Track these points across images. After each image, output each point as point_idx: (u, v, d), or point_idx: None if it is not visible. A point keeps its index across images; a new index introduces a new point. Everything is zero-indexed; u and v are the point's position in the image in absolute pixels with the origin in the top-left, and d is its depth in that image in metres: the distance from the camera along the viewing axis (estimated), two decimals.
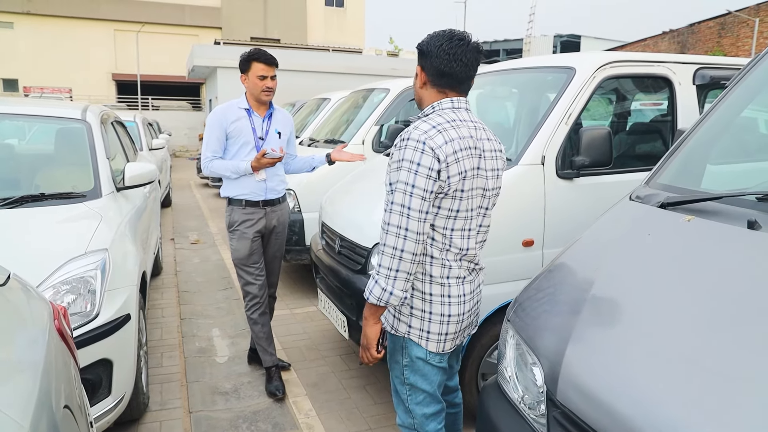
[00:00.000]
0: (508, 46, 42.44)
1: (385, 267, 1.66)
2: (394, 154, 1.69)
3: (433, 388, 1.87)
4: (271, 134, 3.11)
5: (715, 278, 1.35)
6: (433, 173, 1.63)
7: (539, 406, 1.46)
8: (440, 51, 1.73)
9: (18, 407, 0.90)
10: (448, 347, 1.84)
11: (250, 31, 31.33)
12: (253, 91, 3.02)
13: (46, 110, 3.71)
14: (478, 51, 1.77)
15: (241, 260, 3.10)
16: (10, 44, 29.29)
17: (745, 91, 1.99)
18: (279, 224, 3.20)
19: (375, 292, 1.68)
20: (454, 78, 1.76)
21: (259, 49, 3.02)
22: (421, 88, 1.83)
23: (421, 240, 1.66)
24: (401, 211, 1.63)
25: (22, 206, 2.78)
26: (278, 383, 3.13)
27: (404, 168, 1.64)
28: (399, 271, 1.66)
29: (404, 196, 1.63)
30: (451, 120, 1.72)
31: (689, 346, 1.21)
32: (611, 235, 1.78)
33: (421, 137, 1.64)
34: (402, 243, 1.64)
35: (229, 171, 2.99)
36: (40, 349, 1.18)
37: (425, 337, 1.80)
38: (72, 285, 2.33)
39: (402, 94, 5.42)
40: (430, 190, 1.64)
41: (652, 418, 1.11)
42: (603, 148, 2.59)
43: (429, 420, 1.90)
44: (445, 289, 1.78)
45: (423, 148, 1.63)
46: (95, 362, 2.27)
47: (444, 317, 1.79)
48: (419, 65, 1.81)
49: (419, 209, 1.63)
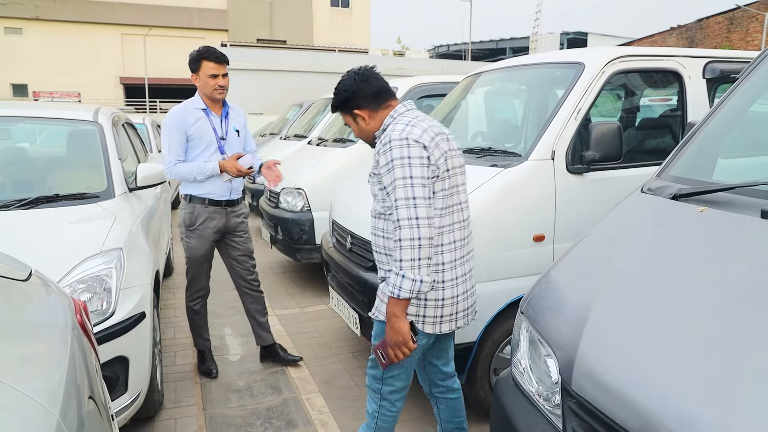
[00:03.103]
0: (515, 45, 42.34)
1: (408, 259, 1.74)
2: (380, 159, 1.82)
3: (411, 365, 2.02)
4: (231, 133, 3.12)
5: (730, 268, 1.36)
6: (424, 161, 1.78)
7: (554, 398, 1.46)
8: (359, 82, 1.95)
9: (47, 396, 0.93)
10: (445, 329, 1.94)
11: (257, 32, 31.47)
12: (205, 90, 3.01)
13: (58, 113, 3.75)
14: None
15: (198, 259, 3.15)
16: (19, 49, 29.62)
17: (755, 84, 1.98)
18: (241, 224, 3.23)
19: (405, 286, 1.75)
20: (384, 89, 1.97)
21: (209, 47, 3.01)
22: (370, 121, 1.99)
23: (432, 224, 1.77)
24: (407, 204, 1.74)
25: (38, 207, 2.82)
26: (212, 363, 3.34)
27: (397, 166, 1.76)
28: (421, 259, 1.74)
29: (406, 189, 1.74)
30: (414, 117, 1.91)
31: (705, 336, 1.21)
32: (624, 226, 1.78)
33: (402, 135, 1.79)
34: (417, 232, 1.73)
35: (196, 174, 2.98)
36: (64, 342, 1.20)
37: (421, 321, 1.90)
38: (88, 284, 2.36)
39: (410, 92, 5.43)
40: (427, 177, 1.78)
41: (670, 408, 1.11)
42: (613, 143, 2.59)
43: (396, 392, 2.06)
44: (438, 275, 1.87)
45: (408, 143, 1.78)
46: (112, 359, 2.30)
47: (438, 301, 1.89)
48: (354, 110, 1.98)
49: (423, 196, 1.75)
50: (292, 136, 7.76)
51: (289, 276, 5.44)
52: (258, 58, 17.89)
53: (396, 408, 2.09)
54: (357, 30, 34.82)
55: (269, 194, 5.38)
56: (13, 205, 2.78)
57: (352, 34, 34.03)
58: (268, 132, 10.67)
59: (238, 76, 17.16)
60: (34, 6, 29.70)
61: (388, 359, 1.88)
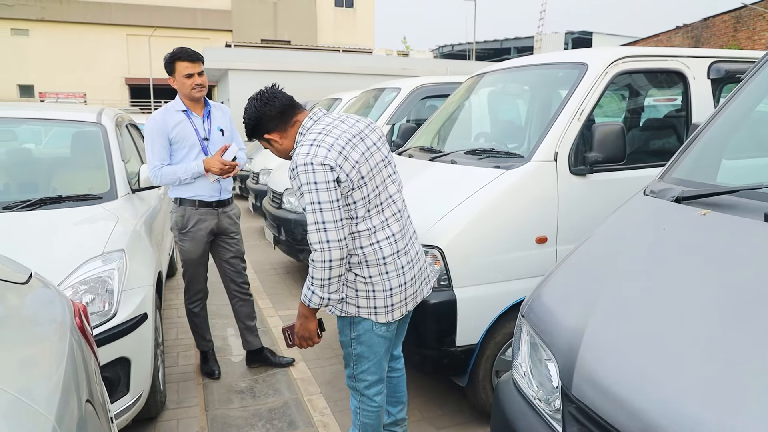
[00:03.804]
0: (519, 44, 42.22)
1: (318, 278, 1.85)
2: (293, 184, 1.85)
3: (378, 357, 2.07)
4: (214, 133, 3.09)
5: (732, 271, 1.34)
6: (331, 184, 1.80)
7: (554, 402, 1.46)
8: (261, 106, 1.96)
9: (43, 400, 0.93)
10: (397, 316, 2.02)
11: (261, 33, 31.54)
12: (183, 91, 2.98)
13: (62, 114, 3.77)
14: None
15: (193, 261, 3.14)
16: (25, 51, 29.79)
17: (760, 85, 1.96)
18: (232, 225, 3.22)
19: (314, 301, 1.89)
20: (287, 107, 1.98)
21: (182, 48, 2.98)
22: (282, 141, 2.00)
23: (343, 245, 1.83)
24: (317, 228, 1.80)
25: (41, 208, 2.82)
26: (214, 364, 3.35)
27: (305, 191, 1.80)
28: (331, 279, 1.85)
29: (315, 214, 1.80)
30: (321, 129, 1.90)
31: (706, 339, 1.20)
32: (626, 229, 1.77)
33: (306, 160, 1.80)
34: (328, 254, 1.81)
35: (180, 174, 2.95)
36: (62, 345, 1.20)
37: (374, 312, 1.98)
38: (90, 285, 2.37)
39: (413, 93, 5.43)
40: (336, 199, 1.81)
41: (670, 412, 1.10)
42: (616, 144, 2.58)
43: (371, 386, 2.12)
44: (382, 268, 1.94)
45: (313, 168, 1.79)
46: (114, 360, 2.30)
47: (386, 291, 1.96)
48: (264, 135, 2.00)
49: (333, 219, 1.80)
50: None
51: (292, 276, 5.44)
52: (262, 58, 17.95)
53: (375, 403, 2.15)
54: (361, 30, 34.83)
55: (272, 195, 5.39)
56: (17, 206, 2.79)
57: (357, 35, 34.05)
58: None
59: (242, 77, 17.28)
60: (41, 7, 29.87)
61: (293, 342, 2.08)
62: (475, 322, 2.53)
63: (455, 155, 3.06)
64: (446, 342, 2.50)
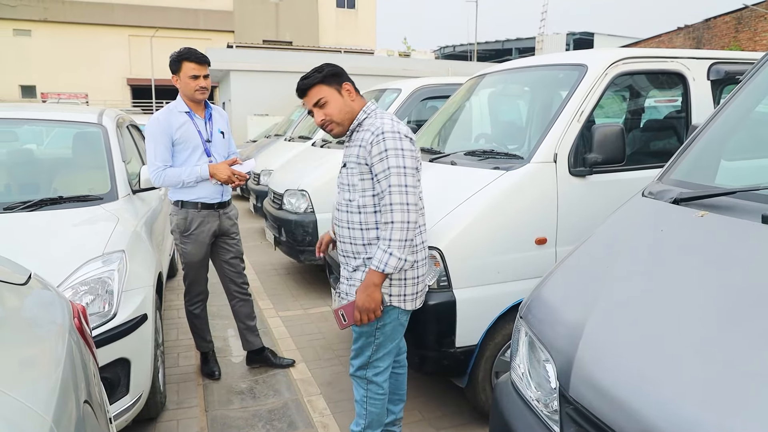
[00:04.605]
0: (521, 45, 42.15)
1: (397, 239, 1.93)
2: (374, 148, 1.95)
3: (394, 345, 2.16)
4: (216, 135, 3.10)
5: (730, 273, 1.34)
6: (415, 154, 1.98)
7: (552, 403, 1.46)
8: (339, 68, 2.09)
9: (41, 401, 0.93)
10: (419, 304, 2.15)
11: (263, 33, 31.56)
12: (186, 92, 2.98)
13: (63, 115, 3.77)
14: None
15: (195, 264, 3.14)
16: (27, 51, 29.85)
17: (759, 86, 1.96)
18: (233, 226, 3.23)
19: (391, 263, 1.94)
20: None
21: (190, 48, 2.98)
22: (356, 98, 2.11)
23: (419, 210, 1.98)
24: (401, 190, 1.91)
25: (42, 209, 2.83)
26: (214, 364, 3.36)
27: (391, 155, 1.91)
28: (407, 240, 1.95)
29: (400, 177, 1.91)
30: (391, 117, 2.06)
31: (704, 341, 1.20)
32: (624, 231, 1.77)
33: (394, 128, 1.96)
34: (407, 216, 1.92)
35: (184, 177, 2.94)
36: (60, 346, 1.21)
37: (403, 300, 2.08)
38: (90, 286, 2.37)
39: (414, 93, 5.42)
40: (415, 167, 1.98)
41: (669, 415, 1.09)
42: (616, 146, 2.58)
43: (382, 373, 2.18)
44: (418, 255, 2.07)
45: (401, 136, 1.96)
46: (113, 361, 2.31)
47: (416, 279, 2.09)
48: (341, 84, 2.09)
49: (414, 185, 1.95)
50: (296, 137, 7.78)
51: (293, 277, 5.45)
52: (264, 59, 17.99)
53: (383, 390, 2.20)
54: (363, 31, 34.83)
55: (273, 196, 5.39)
56: (18, 207, 2.80)
57: (358, 35, 34.06)
58: (273, 133, 10.69)
59: (243, 78, 17.30)
60: (43, 8, 29.92)
61: (350, 321, 2.05)
62: (475, 323, 2.53)
63: (455, 156, 3.07)
64: (446, 343, 2.50)
